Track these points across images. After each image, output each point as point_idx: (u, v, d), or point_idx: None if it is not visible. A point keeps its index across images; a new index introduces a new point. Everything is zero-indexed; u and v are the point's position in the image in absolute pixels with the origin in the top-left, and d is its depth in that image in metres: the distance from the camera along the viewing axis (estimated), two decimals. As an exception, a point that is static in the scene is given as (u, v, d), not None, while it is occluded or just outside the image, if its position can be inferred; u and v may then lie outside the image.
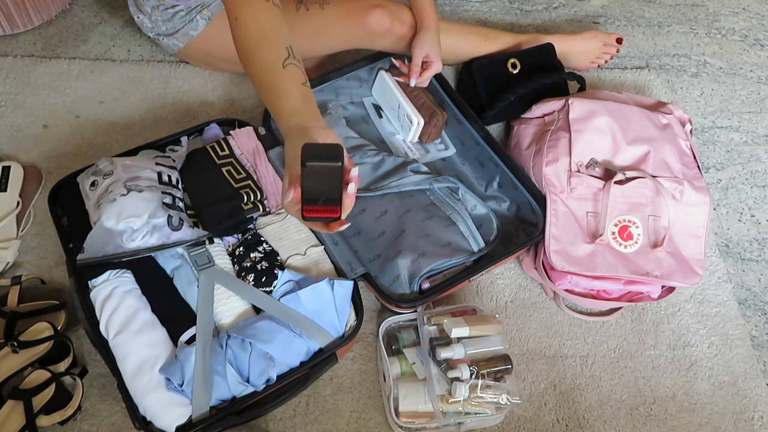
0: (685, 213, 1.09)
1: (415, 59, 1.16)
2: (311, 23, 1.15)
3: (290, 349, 0.90)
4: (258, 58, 0.77)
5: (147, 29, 1.20)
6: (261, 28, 0.78)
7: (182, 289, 0.95)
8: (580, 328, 1.11)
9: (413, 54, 1.16)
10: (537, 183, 1.10)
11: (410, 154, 1.21)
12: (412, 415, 0.92)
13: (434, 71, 1.18)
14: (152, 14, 1.15)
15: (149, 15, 1.16)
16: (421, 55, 1.16)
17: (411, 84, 1.17)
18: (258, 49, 0.77)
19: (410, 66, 1.17)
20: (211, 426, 0.85)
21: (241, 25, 0.78)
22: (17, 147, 1.19)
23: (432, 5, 1.19)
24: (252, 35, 0.78)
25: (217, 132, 1.12)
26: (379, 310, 1.08)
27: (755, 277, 1.22)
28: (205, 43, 1.18)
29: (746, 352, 1.12)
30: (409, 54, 1.20)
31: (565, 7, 1.60)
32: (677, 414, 1.04)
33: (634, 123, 1.12)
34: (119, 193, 0.92)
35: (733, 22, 1.62)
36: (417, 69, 1.16)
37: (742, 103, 1.47)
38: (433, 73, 1.18)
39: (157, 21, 1.16)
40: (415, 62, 1.16)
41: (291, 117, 0.73)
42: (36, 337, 0.93)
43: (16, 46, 1.33)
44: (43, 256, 1.08)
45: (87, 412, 0.94)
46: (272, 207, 1.05)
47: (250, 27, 0.78)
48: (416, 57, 1.16)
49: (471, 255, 1.02)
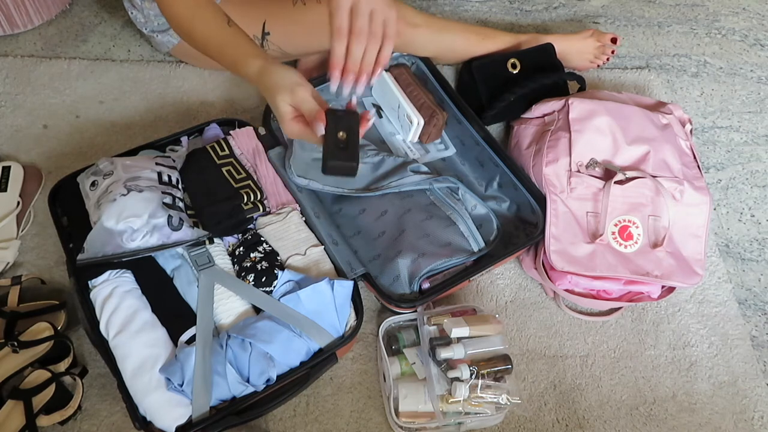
0: (685, 213, 1.09)
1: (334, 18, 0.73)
2: (308, 18, 1.16)
3: (290, 349, 0.90)
4: (198, 23, 0.81)
5: (140, 24, 1.20)
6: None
7: (182, 289, 0.95)
8: (580, 328, 1.11)
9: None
10: (537, 183, 1.10)
11: (410, 154, 1.21)
12: (412, 415, 0.92)
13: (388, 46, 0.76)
14: (144, 7, 1.15)
15: (141, 9, 1.16)
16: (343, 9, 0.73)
17: (353, 91, 0.77)
18: (197, 14, 0.81)
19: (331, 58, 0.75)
20: (211, 426, 0.85)
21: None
22: (17, 147, 1.19)
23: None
24: (188, 5, 0.81)
25: (217, 132, 1.12)
26: (379, 310, 1.08)
27: (755, 277, 1.22)
28: None
29: (746, 352, 1.12)
30: (406, 52, 1.19)
31: (565, 7, 1.60)
32: (677, 414, 1.04)
33: (634, 123, 1.12)
34: (119, 193, 0.92)
35: (733, 22, 1.62)
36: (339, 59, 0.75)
37: (742, 103, 1.47)
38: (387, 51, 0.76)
39: (150, 15, 1.16)
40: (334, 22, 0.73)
41: (252, 64, 0.77)
42: (36, 337, 0.93)
43: (16, 46, 1.33)
44: (43, 256, 1.08)
45: (87, 412, 0.94)
46: (272, 207, 1.05)
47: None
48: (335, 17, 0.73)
49: (471, 255, 1.02)
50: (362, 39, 0.71)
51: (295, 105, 0.72)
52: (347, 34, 0.71)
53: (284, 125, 0.74)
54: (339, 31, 0.71)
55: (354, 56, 0.72)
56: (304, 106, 0.72)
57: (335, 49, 0.72)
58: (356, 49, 0.71)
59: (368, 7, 0.71)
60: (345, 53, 0.72)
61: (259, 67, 0.76)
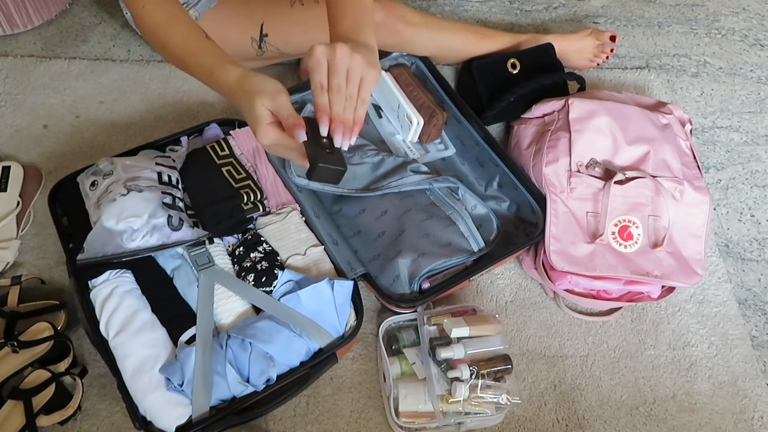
0: (685, 213, 1.09)
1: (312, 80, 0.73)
2: (306, 18, 1.16)
3: (290, 349, 0.90)
4: (176, 35, 0.81)
5: (136, 26, 1.20)
6: (169, 9, 0.83)
7: (182, 289, 0.95)
8: (580, 328, 1.11)
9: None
10: (537, 183, 1.10)
11: (410, 154, 1.21)
12: (412, 415, 0.92)
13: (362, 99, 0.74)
14: None
15: None
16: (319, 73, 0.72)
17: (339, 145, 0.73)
18: (174, 25, 0.82)
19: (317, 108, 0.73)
20: (211, 426, 0.85)
21: (150, 10, 0.82)
22: (17, 147, 1.19)
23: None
24: (163, 17, 0.82)
25: (217, 132, 1.12)
26: (379, 310, 1.08)
27: (755, 277, 1.22)
28: None
29: (746, 352, 1.12)
30: (406, 52, 1.19)
31: (565, 7, 1.60)
32: (677, 414, 1.04)
33: (634, 123, 1.12)
34: (119, 193, 0.92)
35: (733, 22, 1.62)
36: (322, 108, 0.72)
37: (742, 103, 1.47)
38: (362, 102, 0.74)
39: None
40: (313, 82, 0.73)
41: (232, 71, 0.77)
42: (36, 337, 0.93)
43: (16, 46, 1.33)
44: (43, 256, 1.08)
45: (87, 412, 0.94)
46: (272, 207, 1.05)
47: (160, 10, 0.82)
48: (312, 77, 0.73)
49: (471, 255, 1.02)
50: (341, 95, 0.72)
51: (275, 110, 0.71)
52: (326, 90, 0.72)
53: (260, 129, 0.72)
54: (319, 87, 0.72)
55: (336, 110, 0.72)
56: (283, 111, 0.71)
57: (318, 100, 0.72)
58: (337, 104, 0.72)
59: (343, 65, 0.71)
60: (328, 103, 0.72)
61: (240, 73, 0.76)
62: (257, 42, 1.18)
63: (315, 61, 0.72)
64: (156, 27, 0.82)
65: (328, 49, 0.72)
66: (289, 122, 0.71)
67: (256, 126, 0.72)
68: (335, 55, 0.71)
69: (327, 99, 0.72)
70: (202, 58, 0.79)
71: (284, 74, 1.35)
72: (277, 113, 0.72)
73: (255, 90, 0.72)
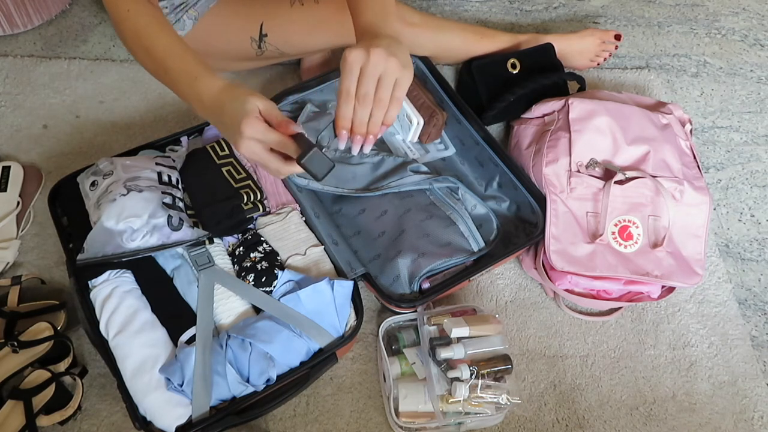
0: (685, 213, 1.09)
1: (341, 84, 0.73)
2: (305, 18, 1.15)
3: (290, 349, 0.90)
4: (161, 38, 0.80)
5: (116, 29, 1.19)
6: (153, 14, 0.83)
7: (182, 289, 0.95)
8: (580, 328, 1.11)
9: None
10: (537, 183, 1.10)
11: (410, 154, 1.21)
12: (412, 415, 0.92)
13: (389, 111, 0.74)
14: None
15: None
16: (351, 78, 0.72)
17: (354, 152, 0.76)
18: (158, 30, 0.81)
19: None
20: (211, 426, 0.85)
21: (136, 13, 0.82)
22: (17, 147, 1.19)
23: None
24: (148, 20, 0.82)
25: (217, 132, 1.12)
26: (379, 310, 1.08)
27: (755, 277, 1.22)
28: (192, 42, 1.17)
29: (746, 352, 1.12)
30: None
31: (565, 7, 1.60)
32: (677, 414, 1.04)
33: (634, 123, 1.12)
34: (119, 193, 0.92)
35: (733, 22, 1.62)
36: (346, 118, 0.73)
37: (742, 103, 1.47)
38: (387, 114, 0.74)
39: None
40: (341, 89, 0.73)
41: (218, 78, 0.76)
42: (36, 337, 0.93)
43: (16, 46, 1.33)
44: (43, 256, 1.08)
45: (87, 412, 0.94)
46: (272, 207, 1.05)
47: (145, 14, 0.82)
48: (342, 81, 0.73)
49: (471, 255, 1.02)
50: (367, 104, 0.71)
51: (267, 109, 0.70)
52: (354, 98, 0.71)
53: (247, 120, 0.69)
54: (346, 94, 0.71)
55: (359, 119, 0.71)
56: (275, 111, 0.71)
57: (341, 110, 0.71)
58: (361, 113, 0.71)
59: (377, 70, 0.70)
60: (351, 114, 0.72)
61: (227, 82, 0.75)
62: (257, 42, 1.18)
63: (347, 67, 0.70)
64: (139, 30, 0.81)
65: (362, 54, 0.69)
66: (280, 119, 0.71)
67: (244, 117, 0.69)
68: (369, 61, 0.69)
69: (351, 108, 0.71)
70: (187, 64, 0.78)
71: (284, 74, 1.35)
72: (268, 112, 0.71)
73: (247, 91, 0.72)
